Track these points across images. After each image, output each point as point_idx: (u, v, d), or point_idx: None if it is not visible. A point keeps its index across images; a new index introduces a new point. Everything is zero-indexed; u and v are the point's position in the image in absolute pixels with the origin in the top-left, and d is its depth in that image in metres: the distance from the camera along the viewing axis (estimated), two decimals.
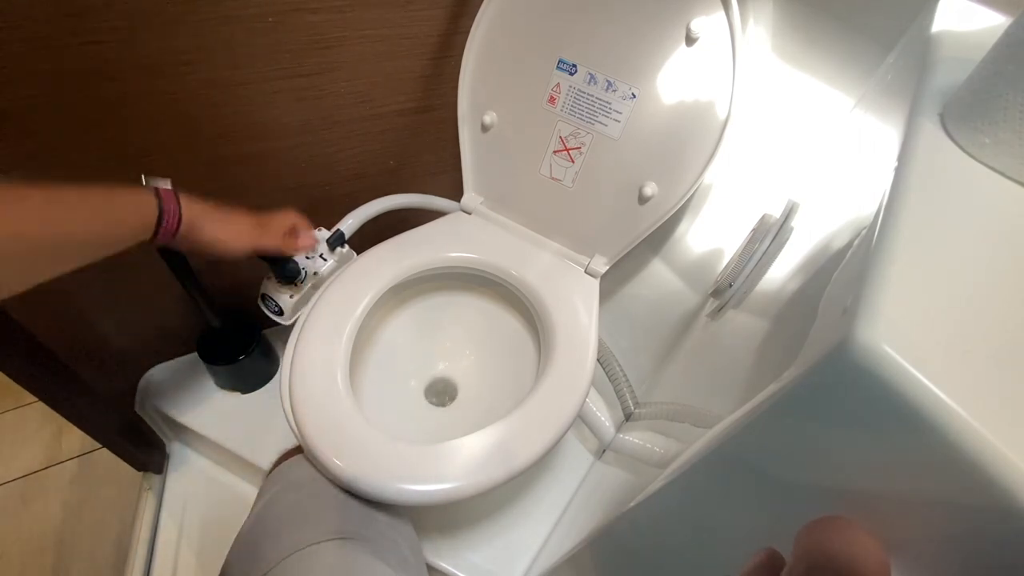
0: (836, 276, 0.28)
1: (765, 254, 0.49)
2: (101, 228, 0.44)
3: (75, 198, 0.43)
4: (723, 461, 0.30)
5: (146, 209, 0.48)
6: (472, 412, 0.75)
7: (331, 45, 0.65)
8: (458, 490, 0.53)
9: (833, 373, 0.20)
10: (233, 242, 0.56)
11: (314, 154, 0.76)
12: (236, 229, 0.56)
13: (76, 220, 0.42)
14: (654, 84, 0.63)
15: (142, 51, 0.56)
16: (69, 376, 0.71)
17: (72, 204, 0.42)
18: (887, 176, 0.27)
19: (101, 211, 0.44)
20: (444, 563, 0.73)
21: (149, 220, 0.48)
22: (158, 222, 0.49)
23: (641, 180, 0.67)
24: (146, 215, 0.48)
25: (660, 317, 0.88)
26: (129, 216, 0.47)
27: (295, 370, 0.59)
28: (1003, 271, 0.22)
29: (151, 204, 0.49)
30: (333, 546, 0.48)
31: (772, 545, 0.22)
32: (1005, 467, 0.16)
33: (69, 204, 0.42)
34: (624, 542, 0.47)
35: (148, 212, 0.48)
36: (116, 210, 0.46)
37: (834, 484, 0.22)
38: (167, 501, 0.87)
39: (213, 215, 0.54)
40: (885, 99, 0.45)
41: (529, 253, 0.74)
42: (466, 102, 0.73)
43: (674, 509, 0.37)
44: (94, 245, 0.44)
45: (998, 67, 0.27)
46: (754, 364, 0.42)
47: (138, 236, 0.48)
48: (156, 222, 0.49)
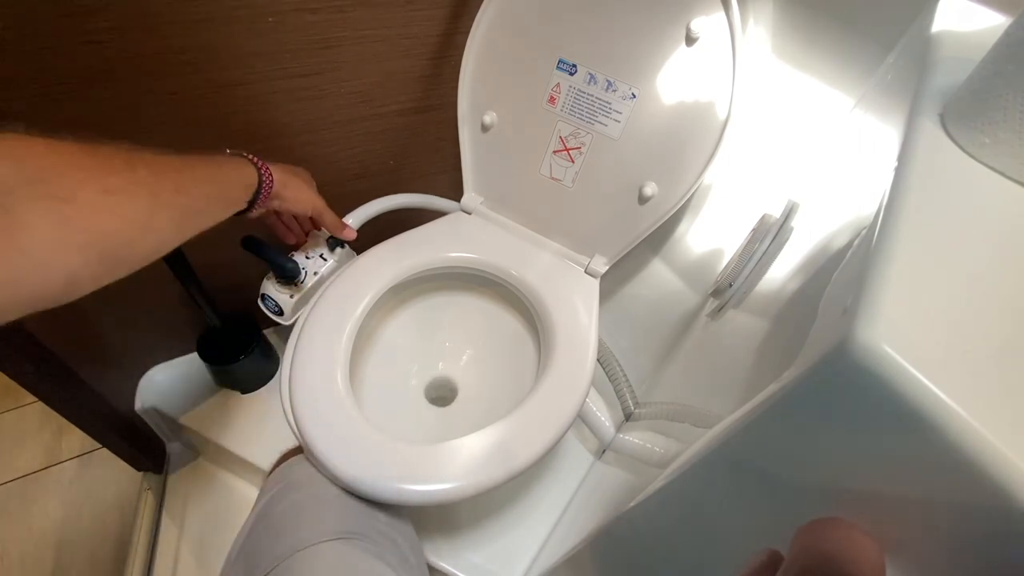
0: (836, 276, 0.28)
1: (765, 254, 0.49)
2: (214, 196, 0.45)
3: (181, 165, 0.42)
4: (723, 461, 0.30)
5: (249, 179, 0.51)
6: (472, 412, 0.75)
7: (331, 45, 0.65)
8: (458, 490, 0.53)
9: (833, 373, 0.20)
10: (306, 202, 0.60)
11: (314, 154, 0.76)
12: (307, 194, 0.60)
13: (191, 190, 0.42)
14: (654, 84, 0.63)
15: (142, 51, 0.56)
16: (69, 376, 0.71)
17: (183, 172, 0.42)
18: (887, 176, 0.27)
19: (210, 180, 0.45)
20: (444, 563, 0.73)
21: (252, 188, 0.51)
22: (257, 190, 0.52)
23: (641, 180, 0.67)
24: (249, 184, 0.51)
25: (660, 317, 0.88)
26: (234, 185, 0.49)
27: (295, 370, 0.59)
28: (1003, 271, 0.22)
29: (252, 174, 0.51)
30: (333, 546, 0.48)
31: (772, 545, 0.22)
32: (1005, 467, 0.16)
33: (181, 172, 0.42)
34: (624, 542, 0.47)
35: (250, 181, 0.51)
36: (224, 179, 0.48)
37: (834, 484, 0.22)
38: (167, 501, 0.87)
39: (291, 180, 0.57)
40: (885, 99, 0.45)
41: (529, 253, 0.74)
42: (466, 102, 0.73)
43: (674, 509, 0.37)
44: (205, 214, 0.44)
45: (998, 67, 0.27)
46: (754, 364, 0.42)
47: (240, 205, 0.51)
48: (256, 190, 0.52)
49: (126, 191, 0.35)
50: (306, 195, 0.60)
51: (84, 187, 0.33)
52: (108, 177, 0.35)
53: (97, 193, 0.33)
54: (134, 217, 0.36)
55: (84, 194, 0.33)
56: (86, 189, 0.33)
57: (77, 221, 0.32)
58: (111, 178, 0.35)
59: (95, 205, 0.33)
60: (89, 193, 0.33)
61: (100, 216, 0.33)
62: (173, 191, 0.39)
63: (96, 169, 0.34)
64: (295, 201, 0.58)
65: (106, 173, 0.35)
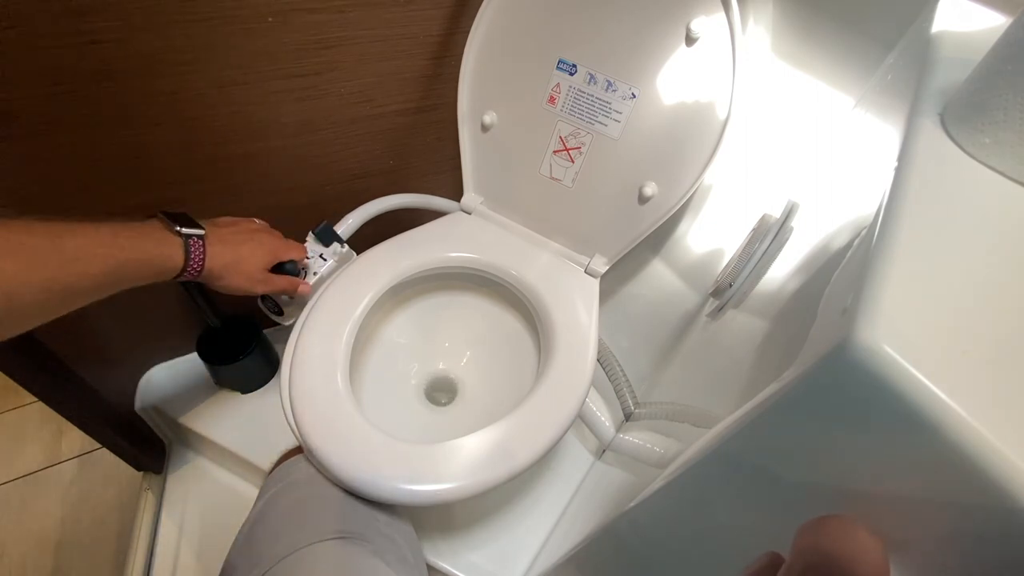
0: (836, 276, 0.28)
1: (765, 254, 0.49)
2: (115, 267, 0.43)
3: (89, 232, 0.42)
4: (723, 461, 0.30)
5: (170, 262, 0.48)
6: (472, 412, 0.75)
7: (331, 45, 0.65)
8: (458, 490, 0.53)
9: (833, 373, 0.20)
10: (250, 286, 0.57)
11: (314, 154, 0.76)
12: (250, 279, 0.56)
13: (91, 257, 0.41)
14: (654, 84, 0.63)
15: (142, 51, 0.56)
16: (69, 376, 0.71)
17: (86, 238, 0.41)
18: (887, 176, 0.27)
19: (117, 248, 0.43)
20: (444, 563, 0.73)
21: (170, 268, 0.48)
22: (181, 268, 0.49)
23: (641, 180, 0.67)
24: (167, 263, 0.48)
25: (660, 317, 0.88)
26: (152, 262, 0.47)
27: (295, 370, 0.59)
28: (1003, 271, 0.22)
29: (175, 255, 0.48)
30: (333, 546, 0.48)
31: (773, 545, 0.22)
32: (1005, 467, 0.16)
33: (83, 237, 0.41)
34: (624, 542, 0.47)
35: (170, 261, 0.48)
36: (135, 251, 0.45)
37: (834, 484, 0.22)
38: (167, 501, 0.87)
39: (233, 268, 0.54)
40: (885, 99, 0.45)
41: (529, 253, 0.74)
42: (466, 102, 0.73)
43: (674, 509, 0.37)
44: (104, 284, 0.43)
45: (998, 67, 0.27)
46: (754, 364, 0.42)
47: (156, 279, 0.48)
48: (179, 269, 0.49)
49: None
50: (249, 281, 0.56)
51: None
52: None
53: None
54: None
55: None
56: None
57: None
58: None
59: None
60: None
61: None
62: (56, 267, 0.39)
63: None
64: (235, 289, 0.55)
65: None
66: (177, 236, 0.49)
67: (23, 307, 0.38)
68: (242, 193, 0.74)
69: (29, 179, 0.59)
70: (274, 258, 0.59)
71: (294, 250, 0.64)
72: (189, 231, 0.49)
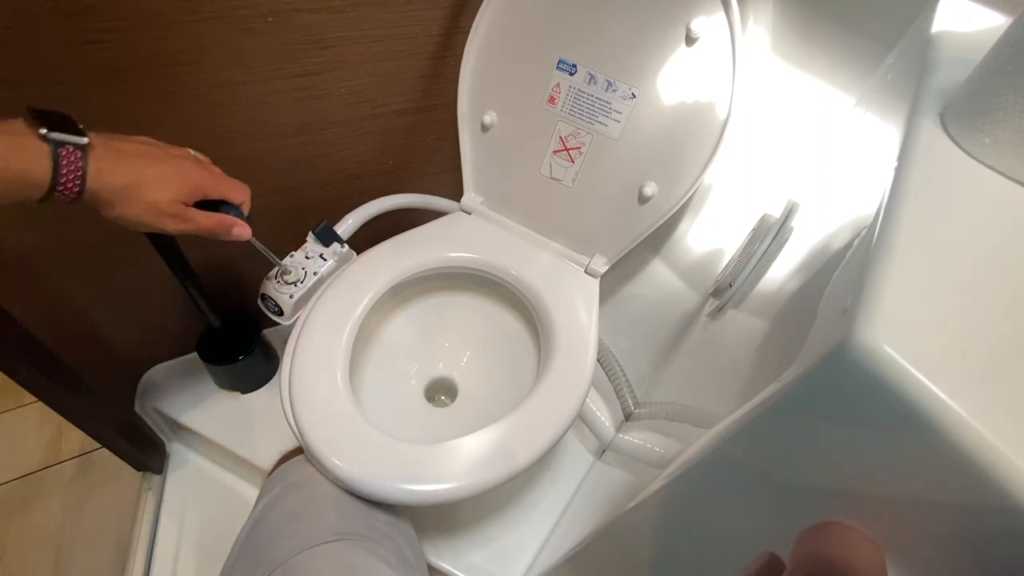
0: (836, 276, 0.28)
1: (765, 254, 0.49)
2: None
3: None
4: (723, 461, 0.30)
5: (31, 176, 0.36)
6: (472, 412, 0.75)
7: (331, 45, 0.65)
8: (458, 490, 0.53)
9: (833, 373, 0.20)
10: (146, 223, 0.44)
11: (314, 154, 0.76)
12: (151, 208, 0.43)
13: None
14: (654, 84, 0.63)
15: (142, 51, 0.56)
16: (69, 376, 0.71)
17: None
18: (887, 176, 0.27)
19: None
20: (444, 563, 0.73)
21: (35, 184, 0.37)
22: (51, 185, 0.37)
23: (641, 180, 0.67)
24: (30, 180, 0.37)
25: (660, 317, 0.88)
26: (5, 174, 0.36)
27: (295, 370, 0.59)
28: (1003, 271, 0.22)
29: (40, 169, 0.36)
30: (334, 547, 0.48)
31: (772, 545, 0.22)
32: (1005, 467, 0.16)
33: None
34: (624, 542, 0.47)
35: (34, 178, 0.37)
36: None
37: (834, 484, 0.22)
38: (167, 501, 0.87)
39: (133, 190, 0.41)
40: (885, 99, 0.45)
41: (529, 253, 0.74)
42: (466, 102, 0.73)
43: (674, 509, 0.37)
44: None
45: (998, 67, 0.27)
46: (754, 364, 0.42)
47: (13, 197, 0.37)
48: (46, 186, 0.37)
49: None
50: (153, 213, 0.43)
51: None
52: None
53: None
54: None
55: None
56: None
57: None
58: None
59: None
60: None
61: None
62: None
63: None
64: (133, 222, 0.42)
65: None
66: (43, 142, 0.37)
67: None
68: None
69: None
70: (196, 191, 0.46)
71: (235, 190, 0.50)
72: (61, 136, 0.38)
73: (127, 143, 0.43)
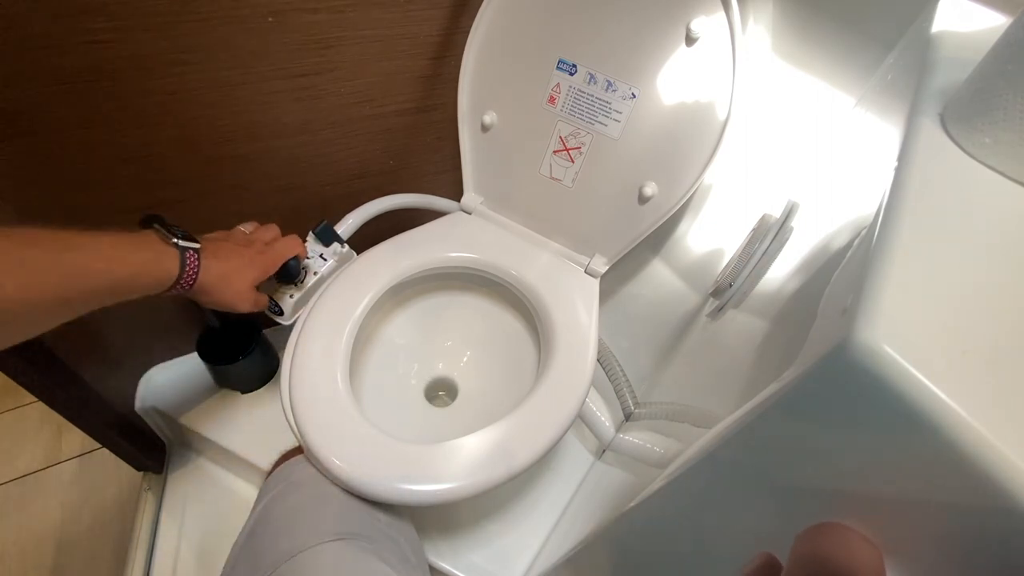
0: (836, 276, 0.28)
1: (765, 254, 0.49)
2: (114, 282, 0.43)
3: (89, 245, 0.42)
4: (723, 462, 0.30)
5: (165, 275, 0.47)
6: (472, 412, 0.75)
7: (330, 45, 0.65)
8: (458, 490, 0.53)
9: (833, 373, 0.20)
10: (244, 302, 0.56)
11: (313, 154, 0.76)
12: (244, 293, 0.56)
13: (90, 272, 0.41)
14: (654, 84, 0.63)
15: (141, 51, 0.56)
16: (69, 376, 0.71)
17: (87, 252, 0.41)
18: (887, 176, 0.27)
19: (117, 263, 0.43)
20: (444, 563, 0.73)
21: (165, 280, 0.48)
22: (175, 281, 0.48)
23: (641, 180, 0.67)
24: (163, 275, 0.47)
25: (660, 317, 0.88)
26: (145, 274, 0.46)
27: (295, 370, 0.59)
28: (1003, 271, 0.22)
29: (171, 268, 0.48)
30: (334, 547, 0.48)
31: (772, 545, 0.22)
32: (1004, 467, 0.16)
33: (83, 252, 0.41)
34: (624, 542, 0.47)
35: (166, 273, 0.47)
36: (133, 264, 0.45)
37: (833, 484, 0.22)
38: (167, 501, 0.87)
39: (225, 281, 0.53)
40: (885, 99, 0.45)
41: (529, 253, 0.74)
42: (466, 102, 0.73)
43: (674, 509, 0.37)
44: (103, 297, 0.43)
45: (998, 67, 0.27)
46: (754, 364, 0.42)
47: (151, 292, 0.47)
48: (173, 281, 0.48)
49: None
50: (237, 297, 0.55)
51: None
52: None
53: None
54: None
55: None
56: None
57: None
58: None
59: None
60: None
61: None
62: (56, 276, 0.39)
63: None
64: (221, 304, 0.54)
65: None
66: (174, 248, 0.48)
67: (18, 321, 0.38)
68: (242, 193, 0.74)
69: (28, 179, 0.59)
70: (264, 274, 0.58)
71: (290, 251, 0.62)
72: (186, 244, 0.49)
73: (217, 241, 0.54)
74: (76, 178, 0.62)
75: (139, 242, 0.47)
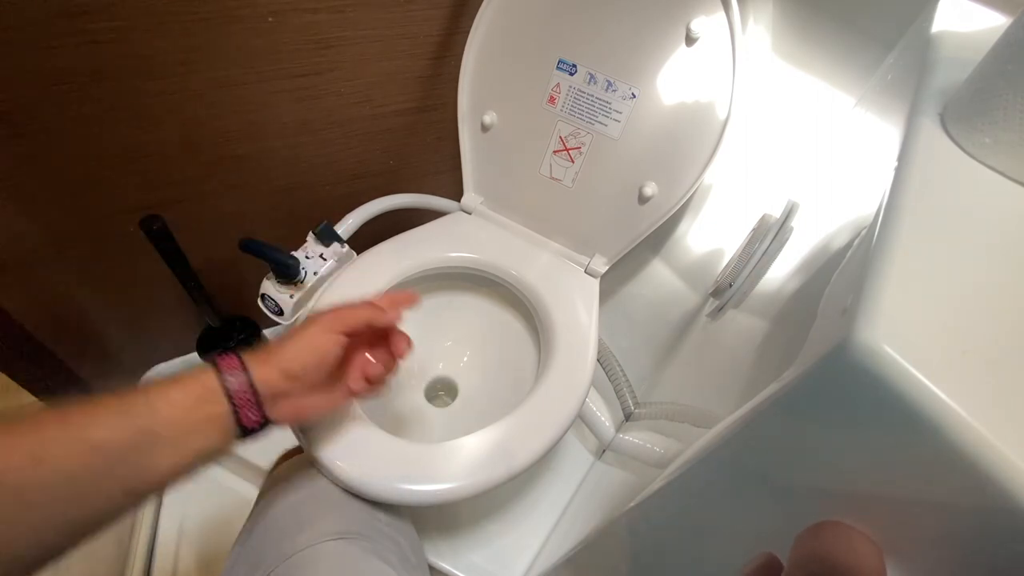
0: (836, 276, 0.28)
1: (765, 254, 0.49)
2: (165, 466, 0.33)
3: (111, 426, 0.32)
4: (723, 461, 0.30)
5: (216, 417, 0.36)
6: (472, 412, 0.75)
7: (331, 45, 0.65)
8: (458, 490, 0.53)
9: (833, 373, 0.20)
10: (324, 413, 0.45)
11: (313, 154, 0.76)
12: (320, 384, 0.43)
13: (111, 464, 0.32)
14: (654, 84, 0.63)
15: (141, 51, 0.56)
16: (69, 376, 0.71)
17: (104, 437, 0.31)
18: (887, 176, 0.27)
19: (146, 445, 0.33)
20: (444, 563, 0.73)
21: (225, 426, 0.36)
22: (236, 419, 0.37)
23: (641, 180, 0.67)
24: (218, 422, 0.36)
25: (660, 317, 0.88)
26: (194, 435, 0.35)
27: None
28: (1003, 271, 0.22)
29: (219, 405, 0.36)
30: (334, 545, 0.48)
31: (773, 545, 0.22)
32: (1004, 467, 0.16)
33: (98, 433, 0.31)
34: (624, 542, 0.47)
35: (219, 418, 0.36)
36: (166, 437, 0.34)
37: (834, 484, 0.22)
38: (167, 501, 0.87)
39: (292, 383, 0.40)
40: (885, 99, 0.45)
41: (529, 253, 0.74)
42: (466, 102, 0.73)
43: (674, 509, 0.37)
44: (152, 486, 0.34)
45: (998, 67, 0.27)
46: (754, 364, 0.42)
47: (215, 452, 0.36)
48: (234, 420, 0.37)
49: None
50: (319, 391, 0.44)
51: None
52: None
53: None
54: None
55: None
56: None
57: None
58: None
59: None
60: None
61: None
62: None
63: None
64: (313, 409, 0.43)
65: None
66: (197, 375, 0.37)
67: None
68: (242, 193, 0.74)
69: (29, 179, 0.59)
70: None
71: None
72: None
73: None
74: (76, 178, 0.62)
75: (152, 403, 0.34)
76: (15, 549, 0.28)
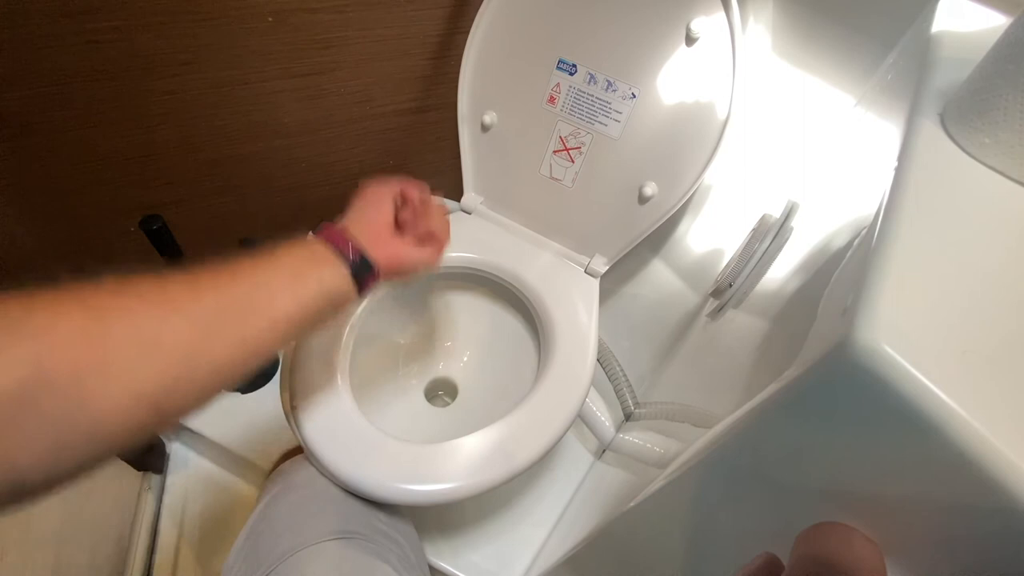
0: (836, 276, 0.28)
1: (765, 254, 0.49)
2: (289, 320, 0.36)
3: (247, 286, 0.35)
4: (723, 461, 0.30)
5: (332, 276, 0.39)
6: (472, 412, 0.75)
7: (331, 44, 0.65)
8: (458, 490, 0.53)
9: (833, 373, 0.20)
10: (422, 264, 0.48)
11: (314, 154, 0.76)
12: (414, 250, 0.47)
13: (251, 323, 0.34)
14: (654, 84, 0.63)
15: (142, 51, 0.56)
16: None
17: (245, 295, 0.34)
18: (887, 176, 0.27)
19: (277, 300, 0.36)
20: (444, 563, 0.73)
21: (332, 261, 0.40)
22: (355, 277, 0.40)
23: (641, 180, 0.67)
24: (337, 279, 0.39)
25: (660, 317, 0.88)
26: (319, 289, 0.38)
27: (295, 370, 0.59)
28: (1002, 271, 0.22)
29: (334, 265, 0.40)
30: (334, 545, 0.48)
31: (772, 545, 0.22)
32: (1004, 466, 0.16)
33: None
34: (624, 542, 0.47)
35: (336, 276, 0.40)
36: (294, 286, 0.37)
37: (834, 484, 0.22)
38: (167, 501, 0.87)
39: (399, 255, 0.45)
40: (885, 99, 0.45)
41: (529, 253, 0.74)
42: (466, 102, 0.73)
43: (674, 509, 0.37)
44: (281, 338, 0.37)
45: (998, 67, 0.27)
46: (754, 364, 0.42)
47: (332, 294, 0.39)
48: (353, 279, 0.40)
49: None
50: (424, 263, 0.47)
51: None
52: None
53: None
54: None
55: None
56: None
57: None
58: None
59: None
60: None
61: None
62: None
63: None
64: (414, 265, 0.47)
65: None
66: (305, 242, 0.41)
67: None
68: (242, 193, 0.74)
69: (29, 178, 0.59)
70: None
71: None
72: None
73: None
74: (76, 178, 0.62)
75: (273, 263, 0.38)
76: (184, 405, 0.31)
